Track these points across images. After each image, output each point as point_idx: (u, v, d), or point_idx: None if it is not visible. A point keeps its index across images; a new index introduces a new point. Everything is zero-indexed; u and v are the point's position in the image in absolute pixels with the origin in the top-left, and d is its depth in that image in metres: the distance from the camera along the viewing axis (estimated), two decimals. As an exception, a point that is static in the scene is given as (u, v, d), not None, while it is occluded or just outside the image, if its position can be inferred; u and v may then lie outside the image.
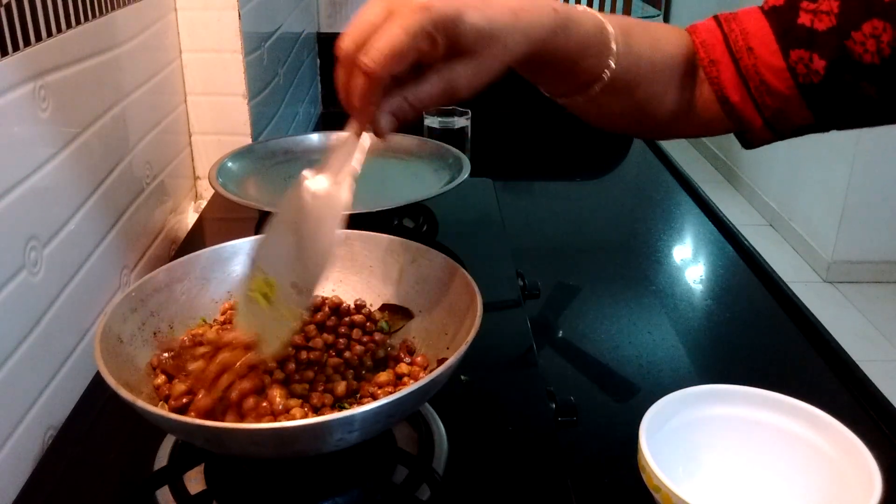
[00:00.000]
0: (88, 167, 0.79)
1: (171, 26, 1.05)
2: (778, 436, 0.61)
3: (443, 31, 0.47)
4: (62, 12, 0.72)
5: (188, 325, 0.62)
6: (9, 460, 0.62)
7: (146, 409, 0.47)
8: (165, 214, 1.03)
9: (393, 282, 0.65)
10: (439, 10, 0.46)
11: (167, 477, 0.56)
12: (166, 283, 0.62)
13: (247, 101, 1.12)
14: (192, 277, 0.64)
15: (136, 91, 0.92)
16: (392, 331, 0.63)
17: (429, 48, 0.47)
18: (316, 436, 0.47)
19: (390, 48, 0.46)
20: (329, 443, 0.48)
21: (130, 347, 0.57)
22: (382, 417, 0.48)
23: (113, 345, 0.54)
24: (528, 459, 0.62)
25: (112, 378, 0.49)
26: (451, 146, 1.06)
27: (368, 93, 0.49)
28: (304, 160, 1.07)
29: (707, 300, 0.96)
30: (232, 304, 0.64)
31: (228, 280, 0.65)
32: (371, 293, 0.66)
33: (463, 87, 0.50)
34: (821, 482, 0.58)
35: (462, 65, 0.49)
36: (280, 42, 1.31)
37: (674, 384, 0.63)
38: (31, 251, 0.66)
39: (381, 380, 0.57)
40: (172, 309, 0.62)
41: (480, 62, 0.50)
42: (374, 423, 0.48)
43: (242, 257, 0.65)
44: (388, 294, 0.66)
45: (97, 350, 0.52)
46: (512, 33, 0.50)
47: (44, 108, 0.69)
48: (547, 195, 1.35)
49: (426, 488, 0.56)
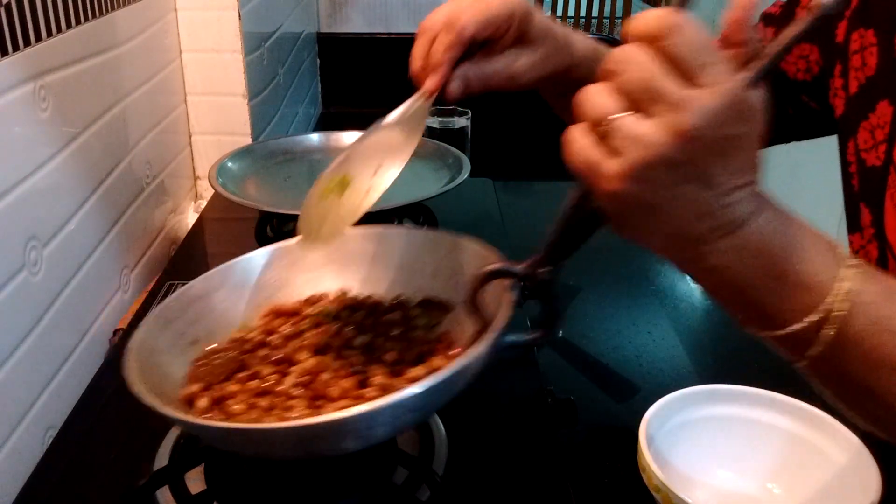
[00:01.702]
0: (88, 167, 0.79)
1: (171, 26, 1.05)
2: (778, 436, 0.61)
3: (518, 18, 0.58)
4: (62, 12, 0.72)
5: (227, 333, 0.61)
6: (9, 460, 0.62)
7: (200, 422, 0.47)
8: (165, 214, 1.03)
9: (429, 276, 0.64)
10: (519, 2, 0.58)
11: (167, 477, 0.56)
12: (204, 292, 0.61)
13: (247, 101, 1.12)
14: (230, 285, 0.63)
15: (136, 91, 0.92)
16: (432, 325, 0.61)
17: (505, 28, 0.58)
18: (359, 425, 0.46)
19: (482, 13, 0.56)
20: (365, 436, 0.47)
21: (167, 357, 0.56)
22: (420, 402, 0.46)
23: (146, 356, 0.53)
24: (528, 459, 0.62)
25: (144, 390, 0.48)
26: (451, 146, 1.06)
27: (452, 47, 0.56)
28: (304, 160, 1.07)
29: (707, 300, 0.96)
30: (272, 308, 0.63)
31: (267, 286, 0.64)
32: (409, 288, 0.64)
33: (521, 73, 0.60)
34: (821, 482, 0.58)
35: (525, 54, 0.60)
36: (280, 42, 1.31)
37: (674, 384, 0.63)
38: (31, 251, 0.66)
39: (414, 375, 0.55)
40: (211, 317, 0.61)
41: (540, 55, 0.61)
42: (407, 412, 0.47)
43: (278, 262, 0.65)
44: (426, 288, 0.63)
45: (130, 364, 0.51)
46: (565, 43, 0.63)
47: (44, 108, 0.69)
48: (547, 195, 1.35)
49: (426, 489, 0.56)
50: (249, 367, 0.56)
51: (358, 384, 0.53)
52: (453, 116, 1.31)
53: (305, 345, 0.57)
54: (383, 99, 1.96)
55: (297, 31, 1.47)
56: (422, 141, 1.10)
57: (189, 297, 0.60)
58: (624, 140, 0.37)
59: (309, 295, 0.64)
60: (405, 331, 0.60)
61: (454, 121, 1.30)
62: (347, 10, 1.76)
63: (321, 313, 0.61)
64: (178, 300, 0.59)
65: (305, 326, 0.60)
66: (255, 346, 0.58)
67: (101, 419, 0.67)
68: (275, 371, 0.55)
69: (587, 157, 0.39)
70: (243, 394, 0.53)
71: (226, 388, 0.54)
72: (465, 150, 1.28)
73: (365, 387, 0.53)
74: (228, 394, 0.53)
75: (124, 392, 0.65)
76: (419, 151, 1.11)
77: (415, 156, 0.59)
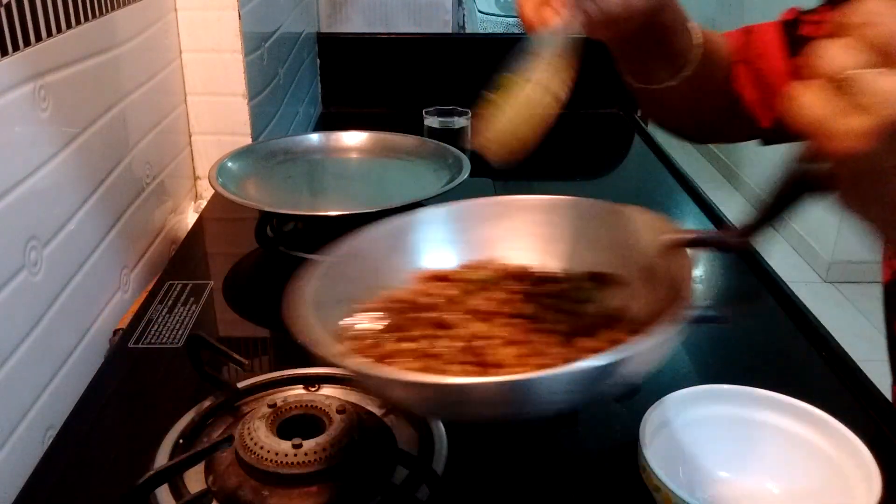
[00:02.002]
0: (88, 167, 0.79)
1: (171, 26, 1.05)
2: (778, 436, 0.61)
3: None
4: (62, 12, 0.72)
5: (383, 293, 0.58)
6: (9, 460, 0.62)
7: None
8: (165, 214, 1.03)
9: (599, 248, 0.60)
10: None
11: (167, 476, 0.56)
12: (362, 251, 0.59)
13: (247, 101, 1.12)
14: (388, 246, 0.61)
15: (136, 91, 0.92)
16: (604, 299, 0.58)
17: None
18: (578, 383, 0.43)
19: None
20: (562, 400, 0.45)
21: (326, 312, 0.53)
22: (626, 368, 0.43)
23: (313, 311, 0.52)
24: (528, 459, 0.62)
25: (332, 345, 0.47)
26: (451, 146, 1.06)
27: None
28: (304, 160, 1.07)
29: (707, 300, 0.96)
30: (431, 272, 0.60)
31: (424, 249, 0.62)
32: (576, 260, 0.61)
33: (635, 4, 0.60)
34: (821, 482, 0.58)
35: None
36: (280, 42, 1.31)
37: (674, 384, 0.63)
38: (31, 251, 0.66)
39: (589, 346, 0.51)
40: (369, 277, 0.59)
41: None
42: (605, 379, 0.44)
43: (428, 226, 0.63)
44: (596, 261, 0.60)
45: (308, 317, 0.49)
46: None
47: (44, 108, 0.69)
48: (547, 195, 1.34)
49: (426, 489, 0.56)
50: (409, 329, 0.54)
51: (531, 353, 0.50)
52: (453, 116, 1.31)
53: (469, 310, 0.55)
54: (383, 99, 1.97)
55: (297, 31, 1.47)
56: (422, 141, 1.11)
57: (349, 255, 0.58)
58: (873, 96, 0.35)
59: (468, 261, 0.62)
60: (574, 303, 0.56)
61: (454, 121, 1.30)
62: (347, 10, 1.76)
63: (484, 279, 0.59)
64: (340, 257, 0.57)
65: (467, 291, 0.57)
66: (416, 308, 0.56)
67: (101, 419, 0.67)
68: (437, 334, 0.53)
69: (821, 114, 0.36)
70: (403, 355, 0.51)
71: (385, 348, 0.52)
72: (465, 150, 1.28)
73: (537, 355, 0.50)
74: (387, 353, 0.51)
75: (124, 392, 0.65)
76: (419, 151, 1.12)
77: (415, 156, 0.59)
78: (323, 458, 0.55)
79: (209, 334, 0.66)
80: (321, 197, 1.05)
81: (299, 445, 0.55)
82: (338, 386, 0.67)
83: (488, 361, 0.49)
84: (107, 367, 0.75)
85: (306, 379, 0.67)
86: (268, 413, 0.58)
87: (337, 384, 0.67)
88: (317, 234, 0.95)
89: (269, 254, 0.93)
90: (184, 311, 0.82)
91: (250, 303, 0.87)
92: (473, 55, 1.69)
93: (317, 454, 0.55)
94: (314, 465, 0.55)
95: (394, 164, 1.07)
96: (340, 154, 1.10)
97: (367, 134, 1.11)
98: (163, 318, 0.80)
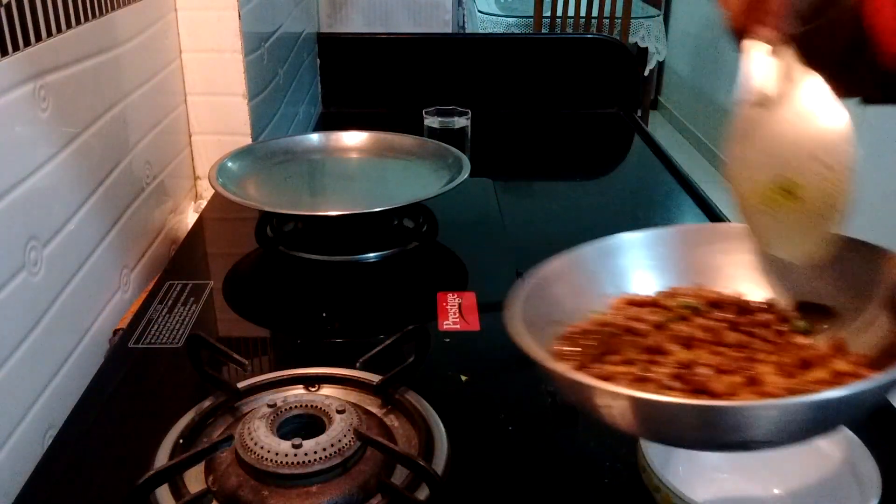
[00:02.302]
0: (88, 167, 0.79)
1: (171, 26, 1.05)
2: (778, 436, 0.61)
3: None
4: (62, 12, 0.72)
5: (583, 316, 0.59)
6: (9, 460, 0.62)
7: None
8: (165, 214, 1.03)
9: (808, 276, 0.58)
10: None
11: (167, 476, 0.56)
12: (561, 274, 0.60)
13: (247, 101, 1.12)
14: (584, 270, 0.61)
15: (136, 91, 0.92)
16: (812, 331, 0.56)
17: None
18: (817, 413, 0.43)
19: None
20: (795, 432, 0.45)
21: (536, 331, 0.54)
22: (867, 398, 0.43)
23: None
24: (528, 460, 0.62)
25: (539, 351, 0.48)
26: (451, 146, 1.06)
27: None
28: (304, 160, 1.07)
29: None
30: (627, 297, 0.60)
31: (615, 274, 0.62)
32: (782, 288, 0.60)
33: None
34: (821, 482, 0.58)
35: None
36: (280, 42, 1.31)
37: (674, 384, 0.63)
38: (31, 251, 0.66)
39: (816, 377, 0.49)
40: (569, 299, 0.59)
41: None
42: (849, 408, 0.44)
43: (628, 251, 0.63)
44: (802, 290, 0.59)
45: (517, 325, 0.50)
46: None
47: (44, 108, 0.69)
48: (547, 195, 1.35)
49: (426, 489, 0.56)
50: (619, 352, 0.53)
51: (746, 382, 0.49)
52: (453, 116, 1.31)
53: (673, 336, 0.54)
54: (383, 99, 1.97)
55: (297, 31, 1.47)
56: (422, 141, 1.11)
57: (551, 277, 0.59)
58: None
59: (670, 287, 0.61)
60: (783, 332, 0.55)
61: (454, 121, 1.30)
62: (347, 10, 1.76)
63: (689, 306, 0.58)
64: (542, 279, 0.58)
65: (669, 317, 0.57)
66: (621, 331, 0.56)
67: (101, 419, 0.67)
68: (653, 359, 0.52)
69: None
70: (621, 377, 0.51)
71: (603, 370, 0.52)
72: (465, 150, 1.28)
73: (755, 385, 0.49)
74: (606, 374, 0.51)
75: (124, 392, 0.65)
76: (419, 151, 1.12)
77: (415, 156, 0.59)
78: (323, 458, 0.55)
79: (209, 334, 0.66)
80: (321, 197, 1.05)
81: (299, 445, 0.55)
82: (338, 386, 0.67)
83: (705, 388, 0.48)
84: (107, 367, 0.75)
85: (306, 379, 0.67)
86: (268, 413, 0.58)
87: (337, 384, 0.67)
88: (317, 234, 0.95)
89: (269, 254, 0.93)
90: (184, 311, 0.82)
91: (250, 303, 0.87)
92: (473, 55, 1.69)
93: (317, 454, 0.55)
94: (314, 465, 0.55)
95: (394, 164, 1.07)
96: (340, 154, 1.10)
97: (367, 134, 1.11)
98: (163, 318, 0.80)
